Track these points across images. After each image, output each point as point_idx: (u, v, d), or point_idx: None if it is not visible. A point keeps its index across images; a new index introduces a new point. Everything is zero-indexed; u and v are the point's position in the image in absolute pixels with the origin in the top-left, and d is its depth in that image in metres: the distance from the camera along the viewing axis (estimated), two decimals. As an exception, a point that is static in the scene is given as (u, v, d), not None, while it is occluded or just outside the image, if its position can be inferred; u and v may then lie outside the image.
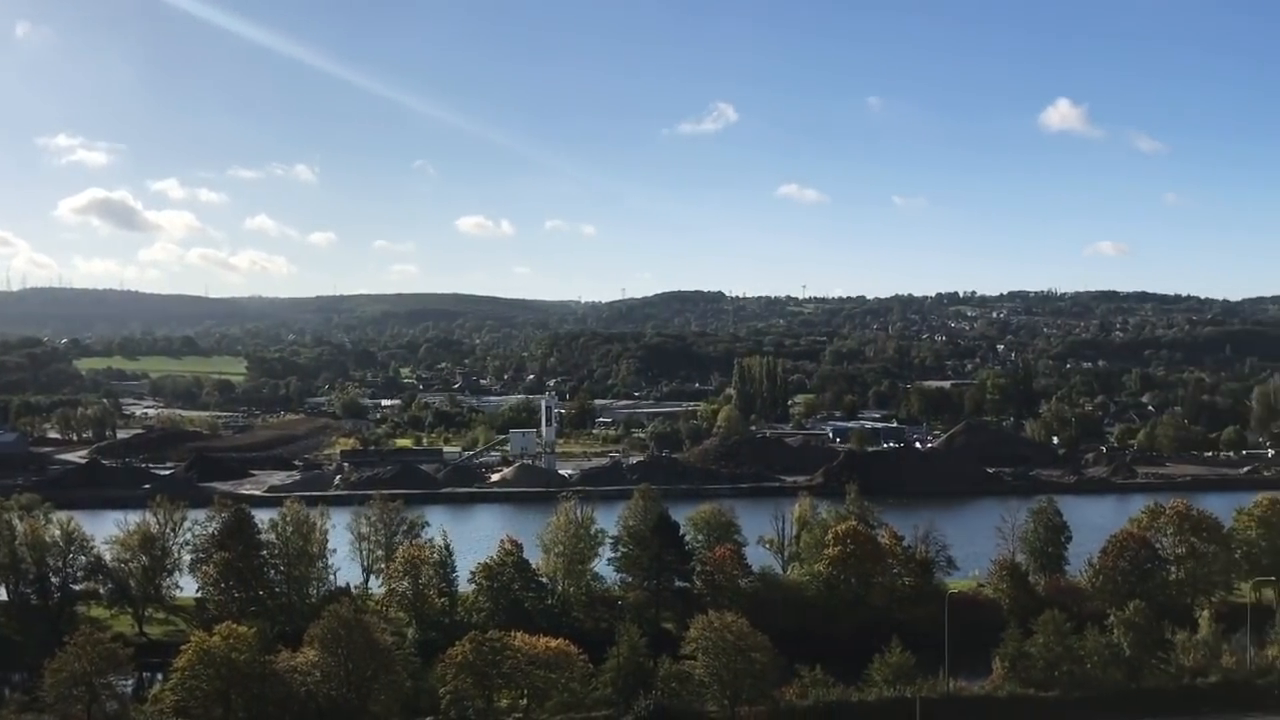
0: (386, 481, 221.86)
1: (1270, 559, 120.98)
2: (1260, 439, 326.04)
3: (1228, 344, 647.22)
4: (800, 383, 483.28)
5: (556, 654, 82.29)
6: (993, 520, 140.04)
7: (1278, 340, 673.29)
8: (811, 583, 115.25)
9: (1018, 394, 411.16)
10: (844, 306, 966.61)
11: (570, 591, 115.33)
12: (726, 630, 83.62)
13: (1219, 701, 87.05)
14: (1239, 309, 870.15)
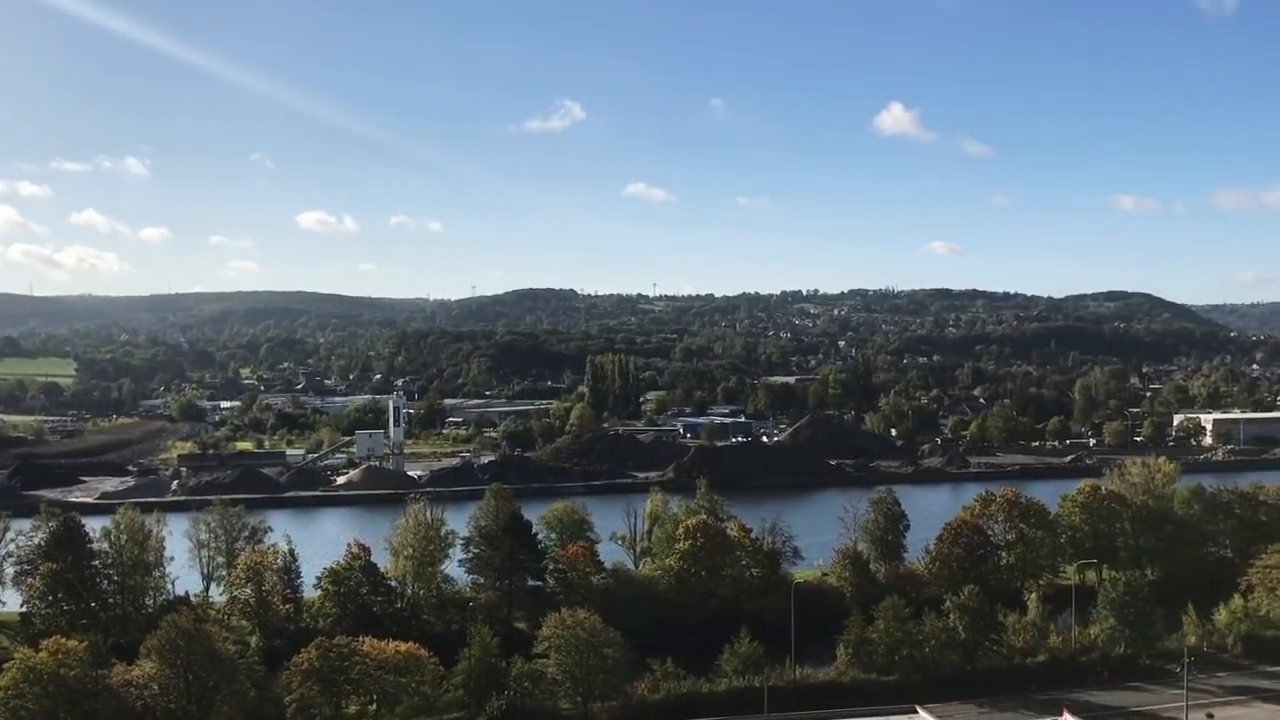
0: (227, 486, 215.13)
1: (1093, 543, 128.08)
2: (1082, 429, 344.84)
3: (1052, 339, 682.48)
4: (652, 380, 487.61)
5: (406, 658, 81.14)
6: (836, 510, 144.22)
7: (1098, 336, 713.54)
8: (663, 577, 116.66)
9: (858, 389, 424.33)
10: (694, 304, 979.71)
11: (420, 594, 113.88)
12: (579, 628, 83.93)
13: (1046, 679, 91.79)
14: (1063, 306, 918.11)
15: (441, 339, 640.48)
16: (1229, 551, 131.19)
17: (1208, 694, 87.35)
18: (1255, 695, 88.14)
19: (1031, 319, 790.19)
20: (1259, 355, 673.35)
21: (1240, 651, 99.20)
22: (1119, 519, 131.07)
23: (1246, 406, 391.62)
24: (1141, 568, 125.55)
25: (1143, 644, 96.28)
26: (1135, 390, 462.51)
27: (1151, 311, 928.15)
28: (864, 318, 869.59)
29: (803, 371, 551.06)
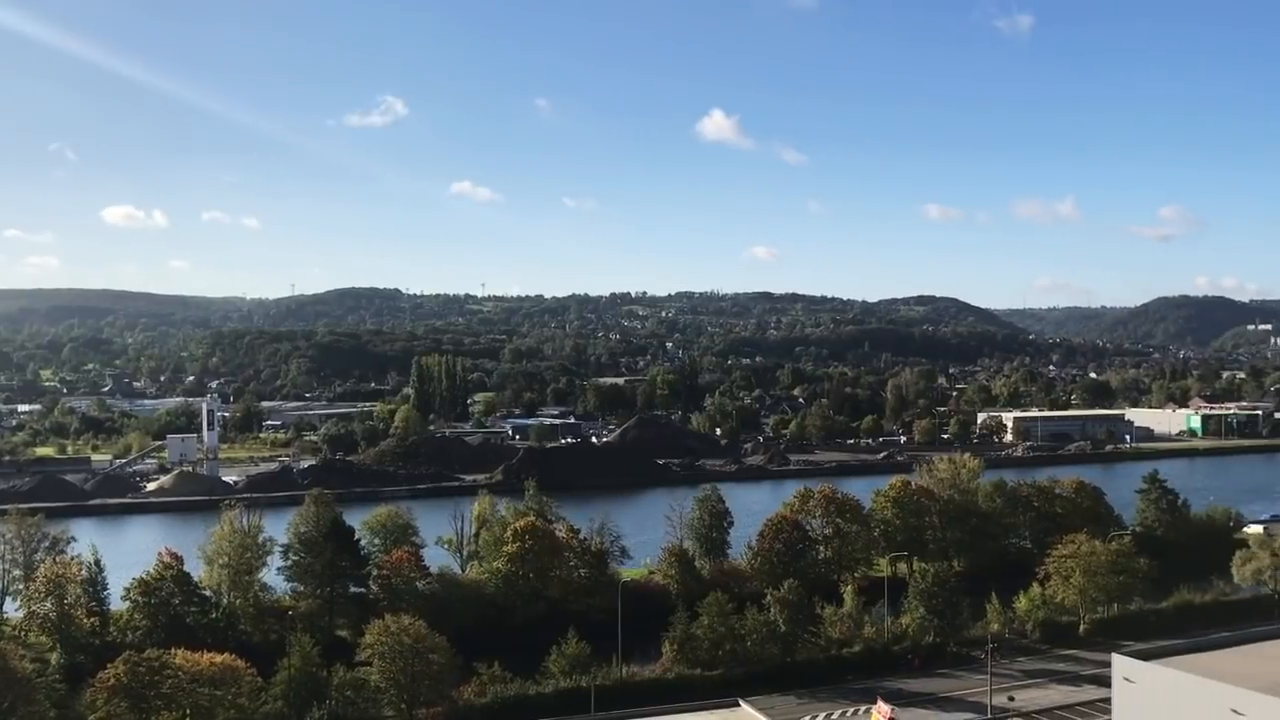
0: (24, 494, 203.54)
1: (904, 536, 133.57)
2: (894, 427, 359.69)
3: (867, 341, 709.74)
4: (480, 381, 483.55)
5: (222, 669, 78.10)
6: (663, 509, 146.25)
7: (909, 338, 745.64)
8: (491, 580, 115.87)
9: (685, 389, 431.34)
10: (523, 305, 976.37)
11: (237, 604, 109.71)
12: (404, 633, 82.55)
13: (862, 668, 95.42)
14: (876, 309, 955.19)
15: (259, 339, 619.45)
16: (1028, 542, 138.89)
17: (1009, 678, 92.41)
18: (1051, 678, 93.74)
19: (847, 322, 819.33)
20: (1055, 357, 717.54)
21: (1038, 637, 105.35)
22: (928, 513, 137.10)
23: (1044, 405, 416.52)
24: (949, 559, 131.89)
25: (950, 632, 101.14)
26: (943, 390, 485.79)
27: (958, 315, 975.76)
28: (691, 320, 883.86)
29: (632, 372, 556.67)
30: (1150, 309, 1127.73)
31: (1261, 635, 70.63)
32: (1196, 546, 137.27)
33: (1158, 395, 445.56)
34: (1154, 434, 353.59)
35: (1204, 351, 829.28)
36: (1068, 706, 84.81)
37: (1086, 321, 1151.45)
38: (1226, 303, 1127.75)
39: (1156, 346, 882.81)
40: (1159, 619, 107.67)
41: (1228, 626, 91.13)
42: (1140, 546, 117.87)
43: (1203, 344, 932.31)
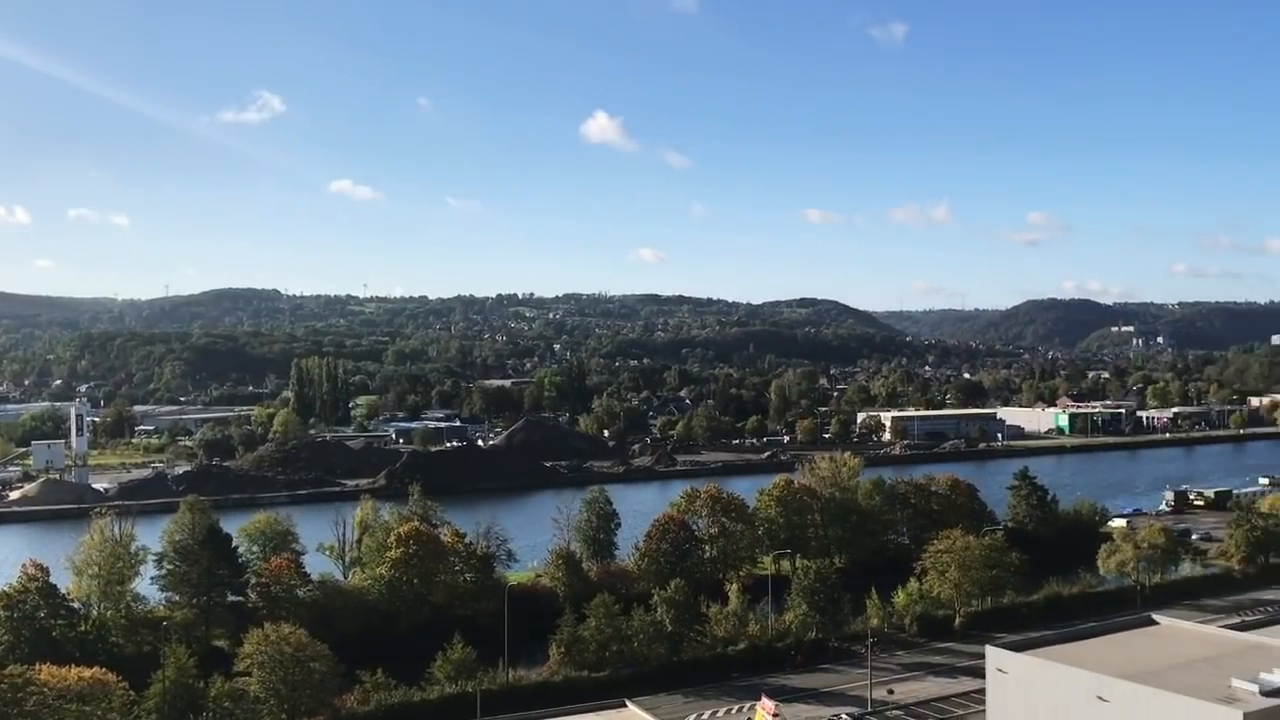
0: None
1: (787, 534, 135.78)
2: (778, 427, 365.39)
3: (751, 343, 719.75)
4: (362, 384, 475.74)
5: (91, 684, 75.16)
6: (550, 512, 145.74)
7: (792, 339, 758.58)
8: (374, 586, 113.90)
9: (573, 391, 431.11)
10: (406, 306, 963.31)
11: (108, 616, 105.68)
12: (284, 642, 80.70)
13: (746, 666, 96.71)
14: (761, 312, 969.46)
15: (131, 341, 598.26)
16: (906, 538, 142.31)
17: (889, 671, 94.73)
18: (928, 670, 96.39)
19: (733, 324, 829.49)
20: (931, 358, 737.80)
21: (916, 631, 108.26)
22: (810, 511, 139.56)
23: (920, 405, 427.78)
24: (830, 556, 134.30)
25: (832, 628, 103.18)
26: (824, 390, 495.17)
27: (839, 317, 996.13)
28: (578, 321, 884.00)
29: (519, 374, 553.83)
30: (1020, 311, 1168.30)
31: (1124, 624, 73.79)
32: (1065, 540, 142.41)
33: (1027, 395, 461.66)
34: (1024, 432, 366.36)
35: (1071, 352, 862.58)
36: (944, 698, 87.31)
37: (960, 323, 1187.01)
38: (1092, 305, 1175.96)
39: (1026, 347, 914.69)
40: (1030, 611, 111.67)
41: (1094, 617, 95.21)
42: (1012, 541, 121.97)
43: (1070, 345, 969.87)
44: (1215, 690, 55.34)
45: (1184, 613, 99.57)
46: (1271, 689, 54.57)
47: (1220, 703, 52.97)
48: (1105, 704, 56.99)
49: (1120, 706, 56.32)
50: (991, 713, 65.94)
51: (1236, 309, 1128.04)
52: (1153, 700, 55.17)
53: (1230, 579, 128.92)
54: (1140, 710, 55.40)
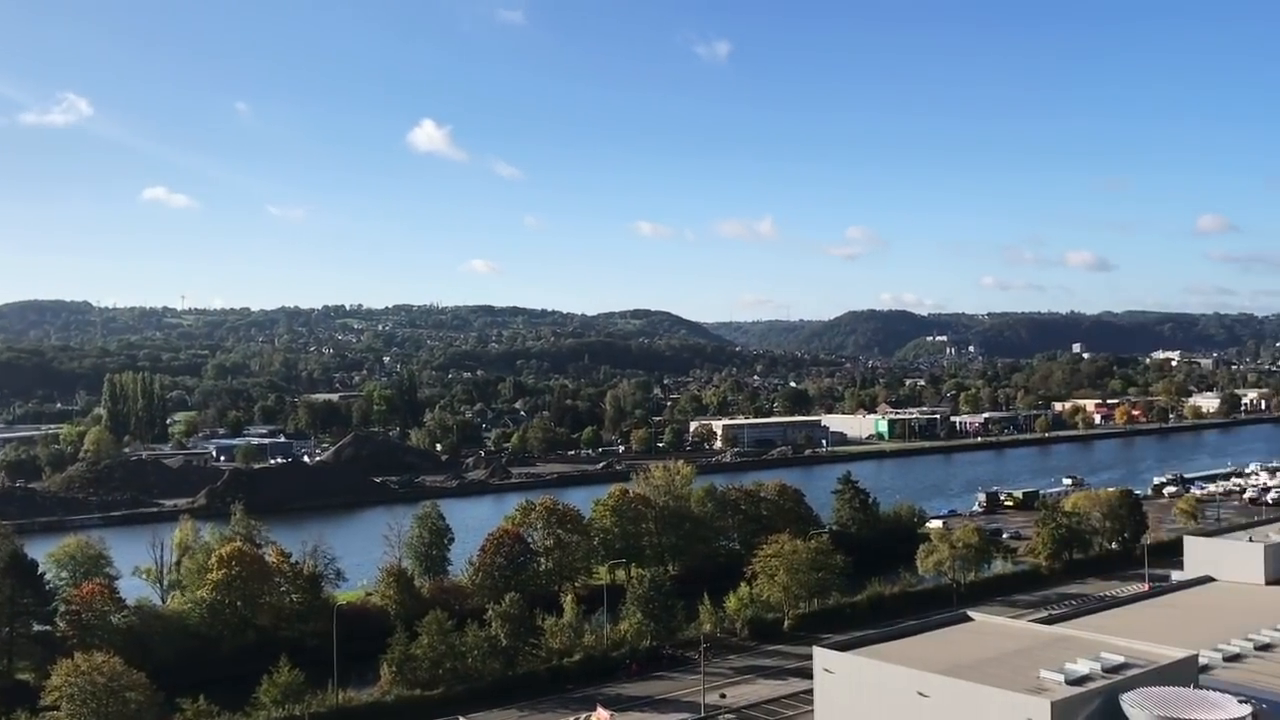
0: None
1: (622, 543, 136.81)
2: (613, 437, 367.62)
3: (586, 354, 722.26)
4: (181, 399, 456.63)
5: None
6: (381, 529, 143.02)
7: (626, 350, 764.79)
8: (194, 610, 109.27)
9: (404, 404, 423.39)
10: (227, 318, 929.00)
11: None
12: (96, 672, 76.54)
13: (582, 677, 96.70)
14: (595, 323, 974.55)
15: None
16: (737, 544, 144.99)
17: (721, 676, 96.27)
18: (759, 673, 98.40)
19: (567, 335, 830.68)
20: (759, 367, 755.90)
21: (747, 634, 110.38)
22: (645, 519, 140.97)
23: (750, 413, 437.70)
24: (665, 564, 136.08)
25: (666, 635, 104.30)
26: (658, 400, 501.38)
27: (671, 328, 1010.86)
28: (409, 333, 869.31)
29: (347, 388, 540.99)
30: (842, 322, 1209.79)
31: (942, 622, 77.04)
32: (886, 542, 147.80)
33: (850, 402, 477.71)
34: (847, 438, 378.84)
35: (889, 361, 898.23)
36: (775, 700, 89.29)
37: (787, 334, 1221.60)
38: (908, 316, 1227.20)
39: (848, 357, 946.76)
40: (854, 611, 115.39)
41: (914, 615, 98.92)
42: (837, 543, 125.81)
43: (888, 354, 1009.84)
44: (1025, 681, 58.41)
45: (996, 608, 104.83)
46: (1076, 678, 57.98)
47: (1030, 693, 55.91)
48: (925, 699, 59.42)
49: (939, 700, 58.83)
50: (819, 712, 67.84)
51: (1040, 319, 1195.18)
52: (968, 693, 57.84)
53: (1038, 575, 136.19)
54: (957, 703, 58.00)
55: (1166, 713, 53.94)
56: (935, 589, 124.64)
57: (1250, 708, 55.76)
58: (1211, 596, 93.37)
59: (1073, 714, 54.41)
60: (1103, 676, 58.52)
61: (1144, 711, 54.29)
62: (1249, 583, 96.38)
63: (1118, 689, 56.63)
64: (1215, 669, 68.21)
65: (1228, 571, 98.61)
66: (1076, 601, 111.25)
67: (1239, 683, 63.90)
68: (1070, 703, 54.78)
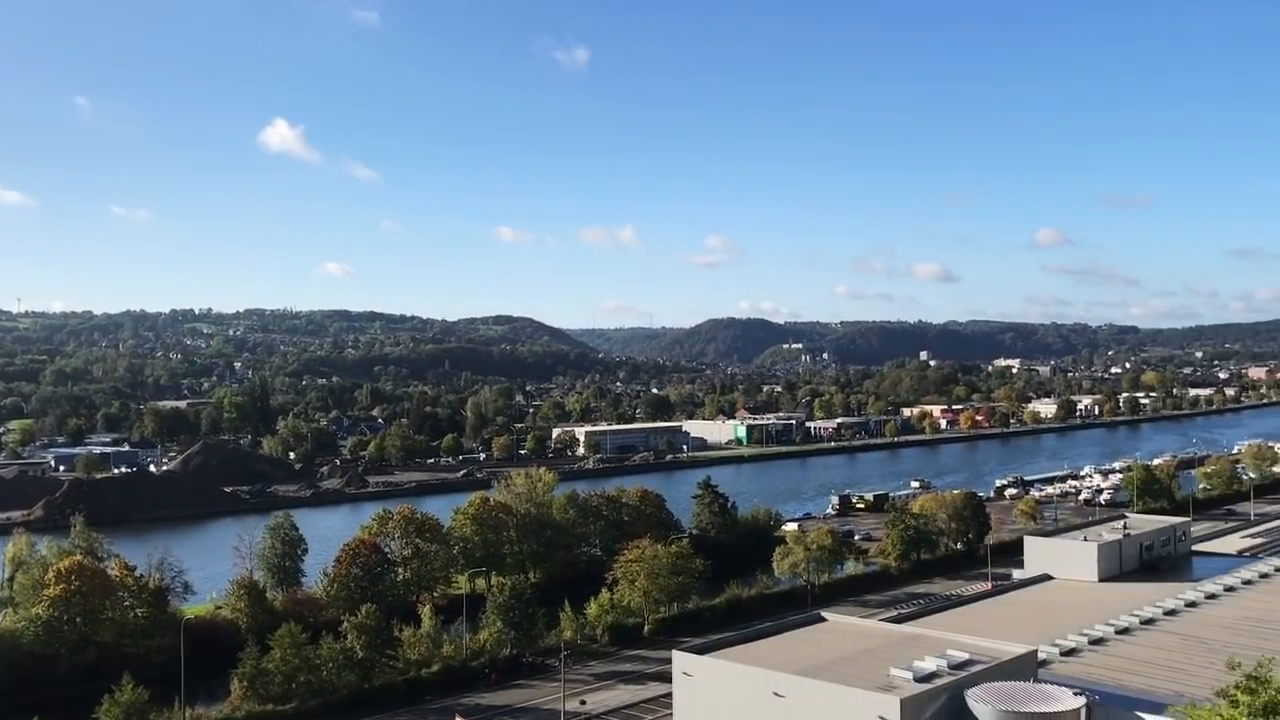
0: None
1: (483, 551, 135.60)
2: (474, 444, 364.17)
3: (447, 360, 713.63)
4: (16, 406, 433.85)
5: None
6: (231, 540, 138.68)
7: (488, 356, 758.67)
8: (29, 628, 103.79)
9: (255, 411, 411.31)
10: (67, 322, 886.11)
11: None
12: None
13: (441, 687, 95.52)
14: (456, 329, 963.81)
15: None
16: (599, 550, 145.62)
17: (582, 682, 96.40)
18: (620, 678, 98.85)
19: (427, 341, 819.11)
20: (622, 374, 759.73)
21: (607, 640, 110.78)
22: (506, 527, 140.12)
23: (612, 419, 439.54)
24: (526, 571, 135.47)
25: (526, 643, 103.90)
26: (520, 407, 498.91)
27: (534, 335, 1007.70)
28: (262, 338, 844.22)
29: (196, 395, 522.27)
30: (702, 330, 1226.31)
31: (797, 623, 78.83)
32: (744, 545, 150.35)
33: (710, 408, 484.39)
34: (707, 443, 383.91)
35: (748, 368, 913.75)
36: (634, 704, 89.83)
37: (649, 341, 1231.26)
38: (765, 324, 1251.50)
39: (709, 364, 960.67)
40: (713, 614, 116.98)
41: (770, 616, 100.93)
42: (697, 547, 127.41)
43: (747, 361, 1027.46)
44: (876, 680, 60.26)
45: (849, 608, 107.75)
46: (924, 675, 60.08)
47: (880, 691, 57.70)
48: (781, 699, 60.71)
49: (794, 700, 60.19)
50: (678, 715, 68.57)
51: (890, 328, 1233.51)
52: (822, 693, 59.35)
53: (888, 575, 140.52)
54: (811, 702, 59.44)
55: (1008, 706, 56.39)
56: (791, 590, 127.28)
57: (1084, 700, 58.71)
58: (1049, 594, 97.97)
59: (921, 710, 56.38)
60: (949, 673, 60.78)
61: (987, 706, 56.62)
62: (1083, 580, 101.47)
63: (963, 685, 58.92)
64: (1053, 663, 71.60)
65: (1064, 570, 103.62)
66: (924, 601, 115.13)
67: (1074, 676, 67.25)
68: (918, 699, 56.73)
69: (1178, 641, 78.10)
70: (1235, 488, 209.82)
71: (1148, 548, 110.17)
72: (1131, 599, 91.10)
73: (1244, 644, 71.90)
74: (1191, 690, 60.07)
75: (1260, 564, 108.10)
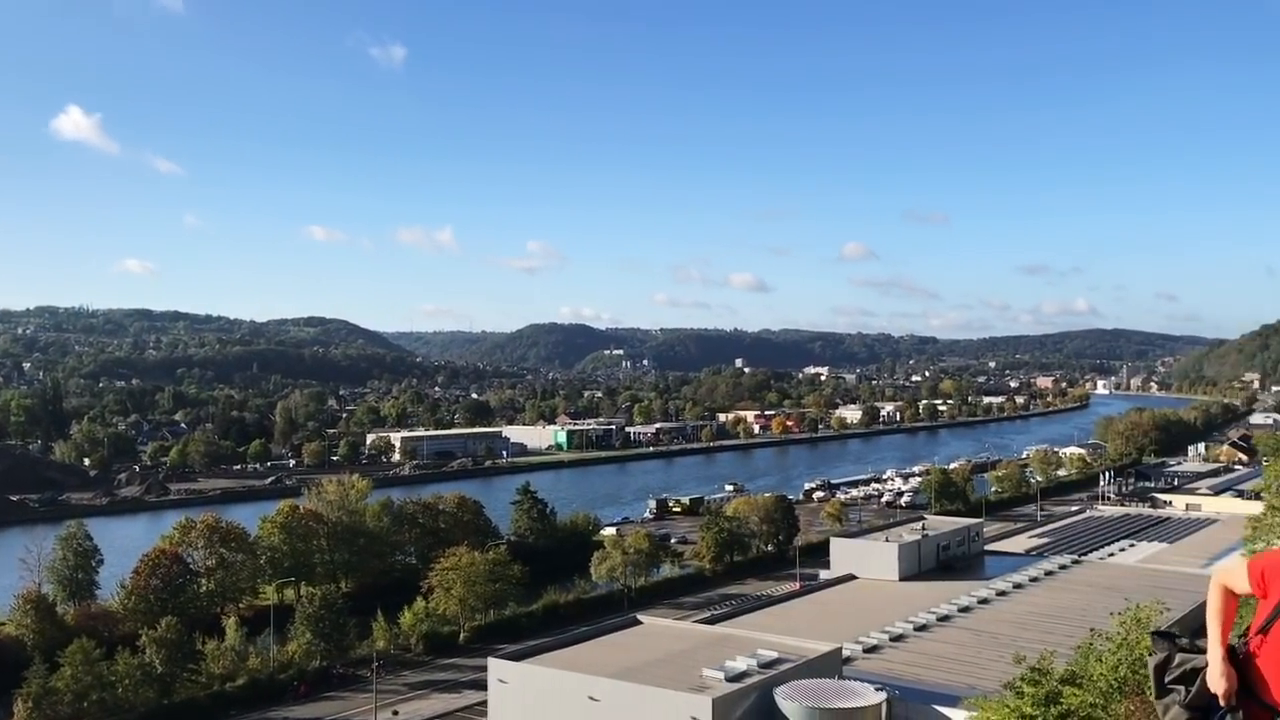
0: None
1: (292, 561, 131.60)
2: (284, 450, 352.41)
3: (255, 363, 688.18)
4: None
5: None
6: (18, 551, 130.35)
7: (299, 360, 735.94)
8: None
9: (46, 415, 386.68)
10: None
11: None
12: None
13: (246, 702, 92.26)
14: (265, 330, 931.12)
15: None
16: (414, 558, 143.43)
17: (395, 693, 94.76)
18: (434, 687, 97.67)
19: (235, 342, 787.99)
20: (440, 379, 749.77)
21: (422, 649, 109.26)
22: (317, 536, 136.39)
23: (430, 425, 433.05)
24: (337, 581, 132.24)
25: (337, 654, 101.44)
26: (333, 412, 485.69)
27: (348, 337, 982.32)
28: (54, 337, 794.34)
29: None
30: (524, 334, 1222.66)
31: (613, 626, 79.65)
32: (563, 550, 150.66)
33: (530, 413, 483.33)
34: (528, 449, 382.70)
35: (569, 373, 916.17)
36: (448, 714, 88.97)
37: (469, 345, 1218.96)
38: (587, 330, 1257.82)
39: (530, 369, 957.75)
40: (530, 620, 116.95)
41: (587, 621, 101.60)
42: (515, 554, 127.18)
43: (568, 366, 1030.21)
44: (689, 681, 61.51)
45: (664, 611, 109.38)
46: (734, 675, 61.68)
47: (693, 691, 58.93)
48: (596, 703, 61.24)
49: (608, 703, 60.81)
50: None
51: (707, 335, 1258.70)
52: (636, 695, 60.20)
53: (703, 577, 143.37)
54: (625, 705, 60.19)
55: (814, 703, 58.47)
56: (608, 595, 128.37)
57: (885, 695, 61.43)
58: (853, 593, 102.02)
59: (731, 709, 57.86)
60: (759, 672, 62.59)
61: (794, 703, 58.56)
62: (885, 579, 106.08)
63: (772, 683, 60.77)
64: (857, 660, 74.61)
65: (867, 570, 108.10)
66: (736, 601, 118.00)
67: (876, 672, 70.26)
68: (729, 699, 58.20)
69: (971, 637, 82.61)
70: (1024, 490, 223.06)
71: (944, 548, 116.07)
72: (929, 597, 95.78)
73: (1030, 638, 76.59)
74: (983, 683, 63.64)
75: (1045, 562, 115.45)
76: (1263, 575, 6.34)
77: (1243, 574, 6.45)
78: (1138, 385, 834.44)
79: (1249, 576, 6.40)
